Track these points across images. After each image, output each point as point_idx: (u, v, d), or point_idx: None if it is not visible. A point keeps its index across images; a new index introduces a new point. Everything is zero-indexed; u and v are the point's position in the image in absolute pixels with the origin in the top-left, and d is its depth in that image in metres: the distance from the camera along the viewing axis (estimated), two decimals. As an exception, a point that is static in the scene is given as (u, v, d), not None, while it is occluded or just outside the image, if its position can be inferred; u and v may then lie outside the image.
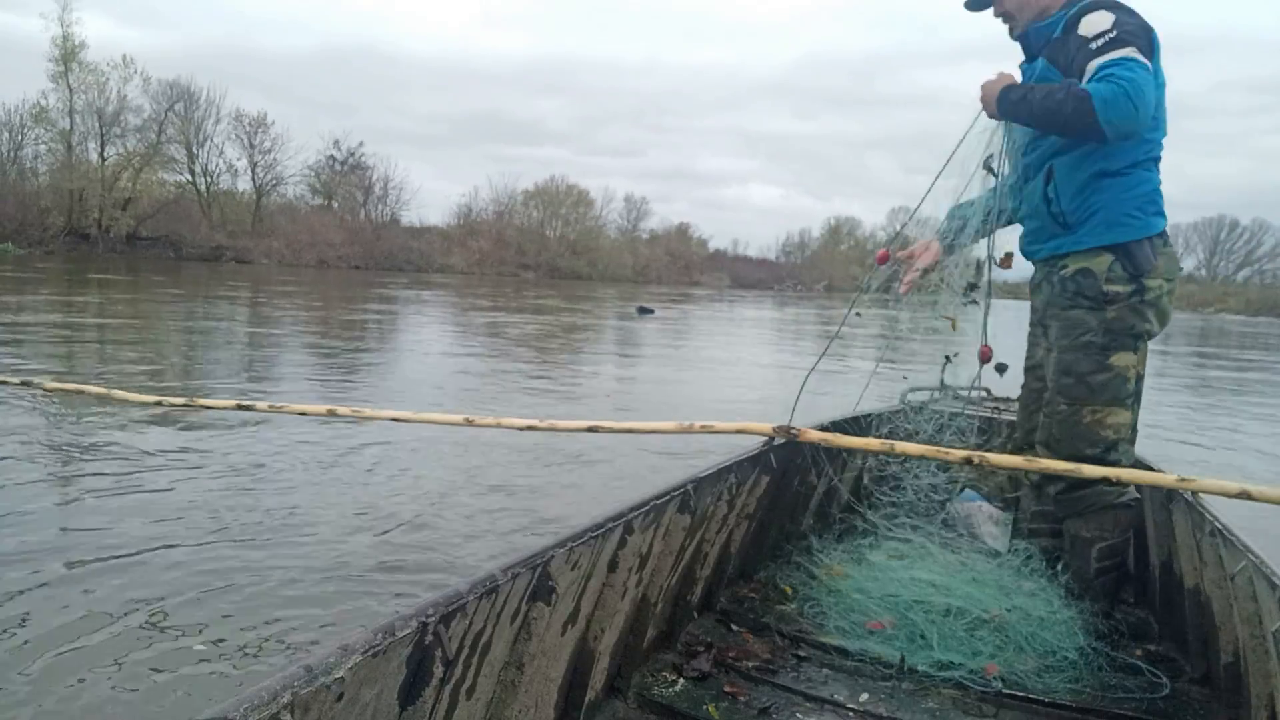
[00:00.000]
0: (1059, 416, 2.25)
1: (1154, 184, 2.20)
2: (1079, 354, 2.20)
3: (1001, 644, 2.02)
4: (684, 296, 37.70)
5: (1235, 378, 14.47)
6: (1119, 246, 2.15)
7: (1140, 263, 2.14)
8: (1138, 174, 2.17)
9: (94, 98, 39.65)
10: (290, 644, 2.53)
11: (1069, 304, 2.23)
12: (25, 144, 40.41)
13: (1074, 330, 2.22)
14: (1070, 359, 2.22)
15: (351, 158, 51.76)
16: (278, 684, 0.88)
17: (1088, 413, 2.20)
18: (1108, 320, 2.17)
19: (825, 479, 2.91)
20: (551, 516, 3.90)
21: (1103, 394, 2.19)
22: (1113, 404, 2.19)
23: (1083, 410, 2.21)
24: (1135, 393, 2.24)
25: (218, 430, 5.21)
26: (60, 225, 37.27)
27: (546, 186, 59.58)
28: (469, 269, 50.03)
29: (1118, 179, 2.16)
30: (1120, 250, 2.15)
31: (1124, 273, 2.15)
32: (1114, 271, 2.15)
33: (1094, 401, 2.19)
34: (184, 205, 42.63)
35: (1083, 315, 2.20)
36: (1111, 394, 2.19)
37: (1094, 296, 2.17)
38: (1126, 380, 2.20)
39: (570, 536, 1.50)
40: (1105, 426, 2.19)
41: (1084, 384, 2.20)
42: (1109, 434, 2.20)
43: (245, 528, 3.51)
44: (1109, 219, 2.16)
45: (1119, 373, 2.19)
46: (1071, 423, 2.22)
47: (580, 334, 15.59)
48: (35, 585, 2.81)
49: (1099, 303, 2.17)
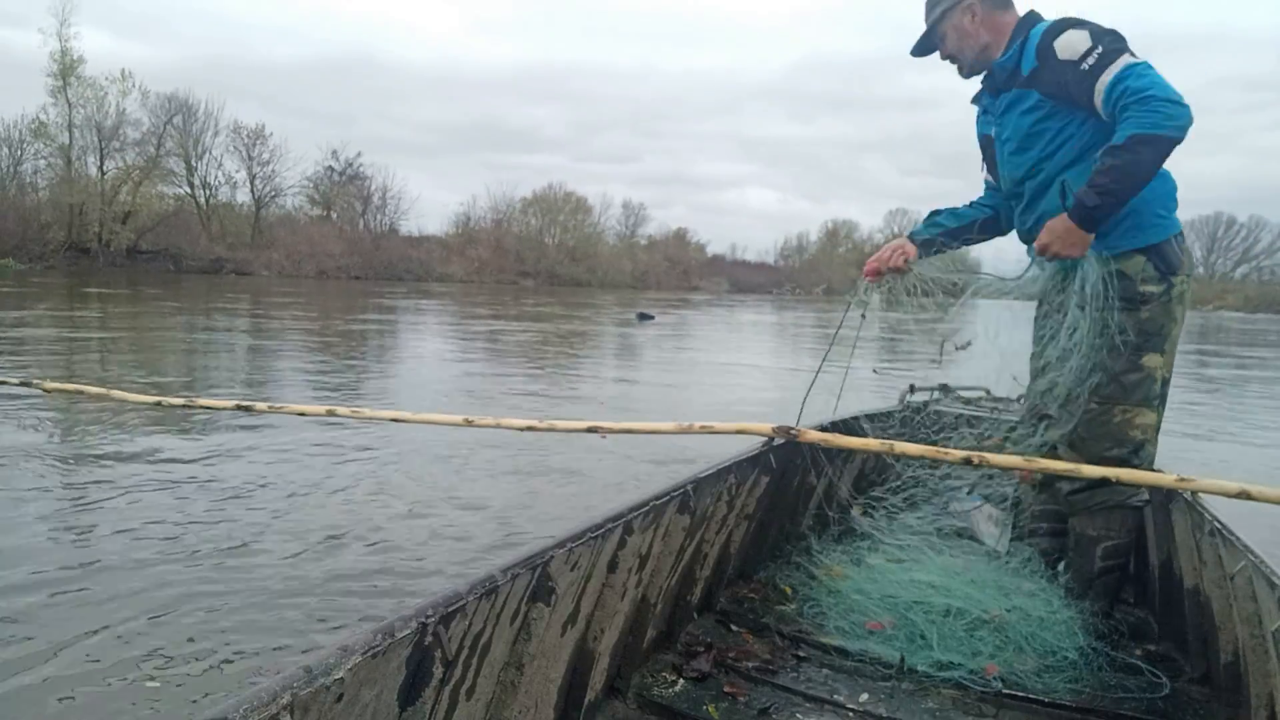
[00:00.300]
0: (1089, 415, 2.25)
1: (1172, 181, 2.23)
2: (1113, 353, 2.20)
3: (1001, 644, 2.02)
4: (683, 302, 37.70)
5: (1237, 374, 14.48)
6: (1151, 247, 2.17)
7: (1172, 261, 2.17)
8: (1160, 176, 2.16)
9: (93, 112, 39.85)
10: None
11: (1103, 305, 2.22)
12: (25, 159, 40.60)
13: (1108, 330, 2.21)
14: (1103, 358, 2.22)
15: (350, 168, 51.98)
16: (278, 684, 0.89)
17: (1119, 412, 2.21)
18: (1141, 321, 2.18)
19: (825, 479, 2.91)
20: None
21: (1134, 394, 2.20)
22: (1142, 404, 2.20)
23: (1114, 409, 2.21)
24: (1161, 395, 2.25)
25: (210, 433, 5.21)
26: (60, 240, 37.36)
27: (545, 194, 59.83)
28: (468, 277, 50.07)
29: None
30: (1152, 250, 2.17)
31: (1156, 272, 2.16)
32: (1147, 272, 2.17)
33: (1126, 401, 2.20)
34: (183, 218, 42.72)
35: (1117, 315, 2.19)
36: (1142, 394, 2.20)
37: (1130, 297, 2.18)
38: (1155, 381, 2.21)
39: (570, 537, 1.50)
40: (1134, 427, 2.21)
41: (1117, 383, 2.21)
42: (1137, 434, 2.21)
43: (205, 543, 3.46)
44: (1139, 222, 2.17)
45: (1149, 373, 2.20)
46: (1101, 421, 2.23)
47: (580, 341, 15.59)
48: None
49: (1134, 303, 2.18)
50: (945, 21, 2.36)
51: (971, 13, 2.32)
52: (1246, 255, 74.11)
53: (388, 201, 53.15)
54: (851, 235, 78.75)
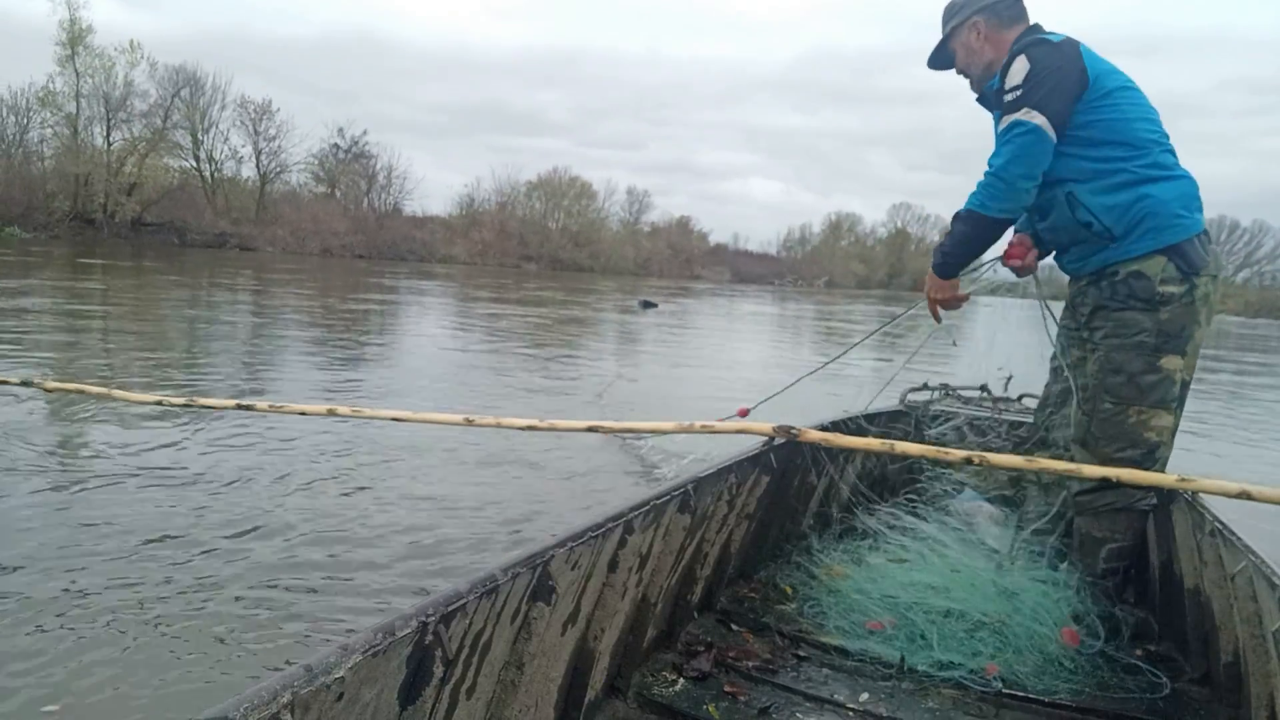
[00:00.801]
0: (1103, 415, 2.25)
1: (1192, 183, 2.24)
2: (1131, 354, 2.21)
3: (1001, 644, 2.03)
4: (684, 290, 37.64)
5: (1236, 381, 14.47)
6: (1171, 248, 2.17)
7: (1194, 260, 2.16)
8: (1177, 177, 2.21)
9: (100, 82, 39.61)
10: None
11: (1121, 305, 2.24)
12: (31, 127, 40.39)
13: (1126, 330, 2.22)
14: (1121, 358, 2.22)
15: (355, 146, 51.77)
16: (278, 684, 0.88)
17: (1134, 413, 2.21)
18: (1161, 322, 2.18)
19: (826, 479, 2.91)
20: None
21: (1151, 395, 2.20)
22: (1159, 406, 2.20)
23: (1129, 410, 2.21)
24: (1180, 398, 2.25)
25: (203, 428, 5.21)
26: (66, 210, 37.22)
27: (549, 178, 59.59)
28: (471, 259, 49.99)
29: (1158, 184, 2.18)
30: (1173, 251, 2.17)
31: (1178, 272, 2.16)
32: (1168, 272, 2.17)
33: (1141, 402, 2.20)
34: (189, 192, 42.59)
35: (1136, 316, 2.20)
36: (1159, 396, 2.20)
37: (1148, 298, 2.18)
38: (1174, 384, 2.21)
39: (570, 536, 1.50)
40: (1149, 429, 2.21)
41: (1134, 384, 2.21)
42: (1152, 436, 2.21)
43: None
44: (1158, 224, 2.17)
45: (1167, 375, 2.19)
46: (1116, 422, 2.23)
47: (584, 328, 15.58)
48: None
49: (1153, 304, 2.18)
50: (954, 39, 2.43)
51: (977, 30, 2.38)
52: (1249, 260, 74.30)
53: (393, 181, 53.07)
54: (854, 229, 78.91)
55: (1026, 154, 2.12)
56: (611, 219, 63.40)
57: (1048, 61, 2.14)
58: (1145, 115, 2.23)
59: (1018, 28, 2.34)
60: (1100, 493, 2.26)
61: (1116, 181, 2.19)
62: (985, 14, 2.36)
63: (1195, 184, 2.24)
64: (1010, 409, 3.62)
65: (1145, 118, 2.22)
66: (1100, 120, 2.17)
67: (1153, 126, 2.23)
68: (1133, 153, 2.18)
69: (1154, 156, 2.19)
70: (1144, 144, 2.19)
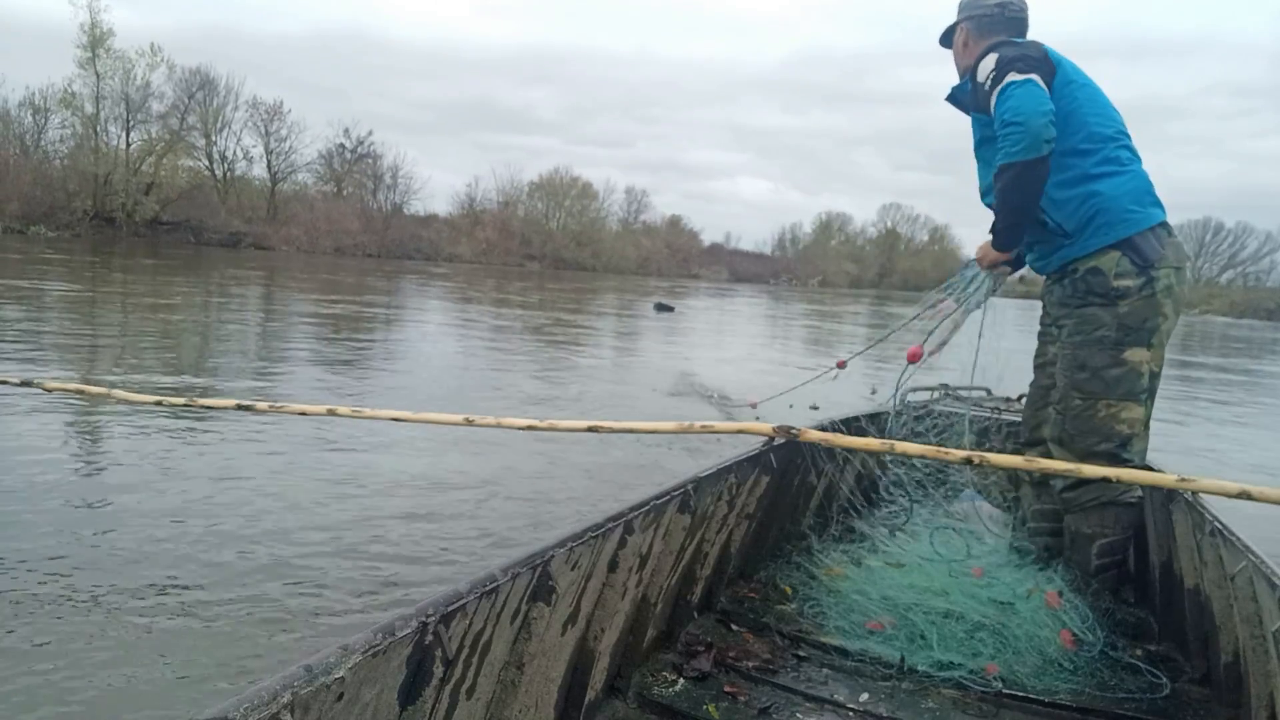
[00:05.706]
0: (1073, 411, 2.29)
1: (1143, 178, 2.28)
2: (1093, 349, 2.25)
3: (1001, 644, 2.03)
4: (687, 290, 37.59)
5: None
6: (1124, 241, 2.20)
7: (1148, 253, 2.19)
8: (1128, 172, 2.26)
9: (121, 83, 39.83)
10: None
11: (1081, 302, 2.28)
12: (50, 128, 40.60)
13: (1087, 326, 2.26)
14: (1085, 354, 2.26)
15: (360, 146, 51.85)
16: (278, 684, 0.89)
17: (1102, 407, 2.24)
18: (1120, 316, 2.21)
19: (825, 479, 2.91)
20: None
21: (1117, 389, 2.23)
22: (1127, 399, 2.23)
23: (1097, 404, 2.25)
24: (1149, 389, 2.27)
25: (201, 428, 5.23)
26: (87, 209, 37.42)
27: (551, 178, 59.58)
28: (475, 258, 50.02)
29: (1107, 180, 2.23)
30: (1126, 245, 2.20)
31: (1133, 266, 2.19)
32: (1122, 266, 2.20)
33: (1109, 396, 2.23)
34: (203, 191, 42.85)
35: (1096, 312, 2.25)
36: (1125, 389, 2.23)
37: (1104, 293, 2.22)
38: (1140, 375, 2.23)
39: (570, 536, 1.50)
40: (1120, 421, 2.23)
41: (1099, 378, 2.24)
42: (1123, 429, 2.23)
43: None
44: (1109, 219, 2.22)
45: (1133, 368, 2.22)
46: (1086, 417, 2.26)
47: (608, 335, 15.44)
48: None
49: (1110, 299, 2.22)
50: (955, 36, 2.55)
51: (964, 33, 2.50)
52: (1233, 260, 74.20)
53: (399, 181, 53.15)
54: (844, 228, 79.01)
55: (1029, 96, 2.13)
56: (610, 218, 63.46)
57: (1014, 53, 2.21)
58: (1101, 111, 2.28)
59: (988, 40, 2.42)
60: (1083, 488, 2.28)
61: (1067, 178, 2.23)
62: (972, 23, 2.47)
63: (1147, 178, 2.28)
64: (1010, 409, 3.63)
65: (1101, 114, 2.27)
66: (1059, 112, 2.20)
67: (1108, 123, 2.27)
68: (1087, 148, 2.23)
69: (1107, 152, 2.24)
70: (1099, 140, 2.24)
